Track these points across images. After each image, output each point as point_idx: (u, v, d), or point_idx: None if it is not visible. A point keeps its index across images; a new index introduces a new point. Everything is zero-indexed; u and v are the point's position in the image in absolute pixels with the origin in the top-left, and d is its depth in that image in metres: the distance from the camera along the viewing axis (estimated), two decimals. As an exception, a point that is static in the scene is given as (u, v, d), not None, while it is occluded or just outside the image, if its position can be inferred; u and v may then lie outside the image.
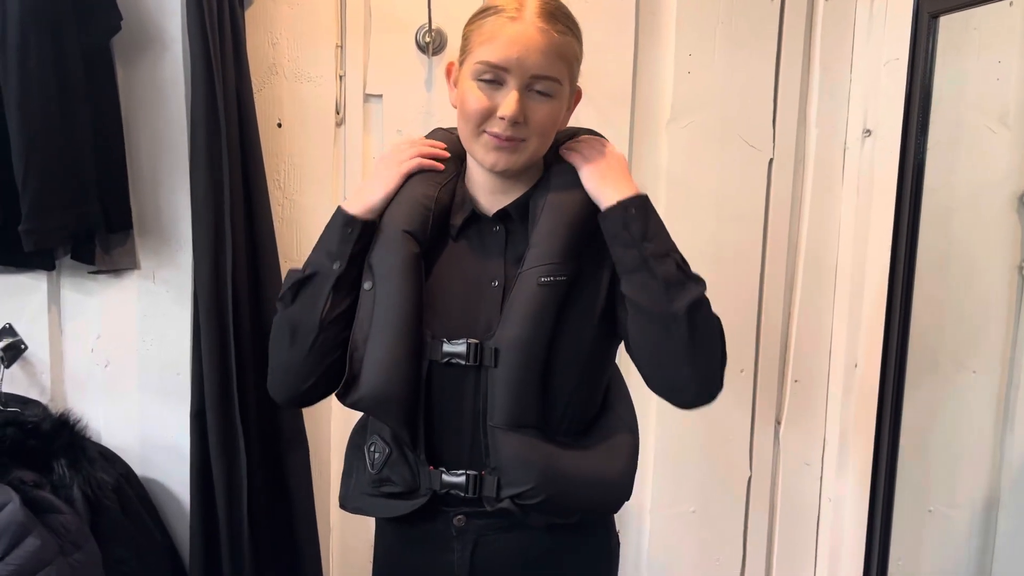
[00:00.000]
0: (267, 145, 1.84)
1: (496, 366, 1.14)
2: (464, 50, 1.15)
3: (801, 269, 2.21)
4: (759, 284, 2.19)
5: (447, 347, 1.15)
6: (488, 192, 1.20)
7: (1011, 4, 1.86)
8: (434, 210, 1.18)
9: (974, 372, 2.03)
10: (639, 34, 2.04)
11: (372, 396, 1.15)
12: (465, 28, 1.16)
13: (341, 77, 1.93)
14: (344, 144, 1.94)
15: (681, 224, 2.12)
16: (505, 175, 1.17)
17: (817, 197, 2.18)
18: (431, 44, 1.89)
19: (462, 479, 1.17)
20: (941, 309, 2.03)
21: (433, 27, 1.88)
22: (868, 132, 2.07)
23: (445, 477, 1.17)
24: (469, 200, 1.20)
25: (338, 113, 1.93)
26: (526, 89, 1.11)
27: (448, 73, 1.20)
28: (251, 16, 1.83)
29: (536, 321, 1.14)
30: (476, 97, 1.11)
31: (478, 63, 1.10)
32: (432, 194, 1.19)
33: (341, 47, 1.92)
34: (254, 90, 1.81)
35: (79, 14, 1.62)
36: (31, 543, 1.48)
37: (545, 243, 1.15)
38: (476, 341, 1.15)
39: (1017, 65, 1.93)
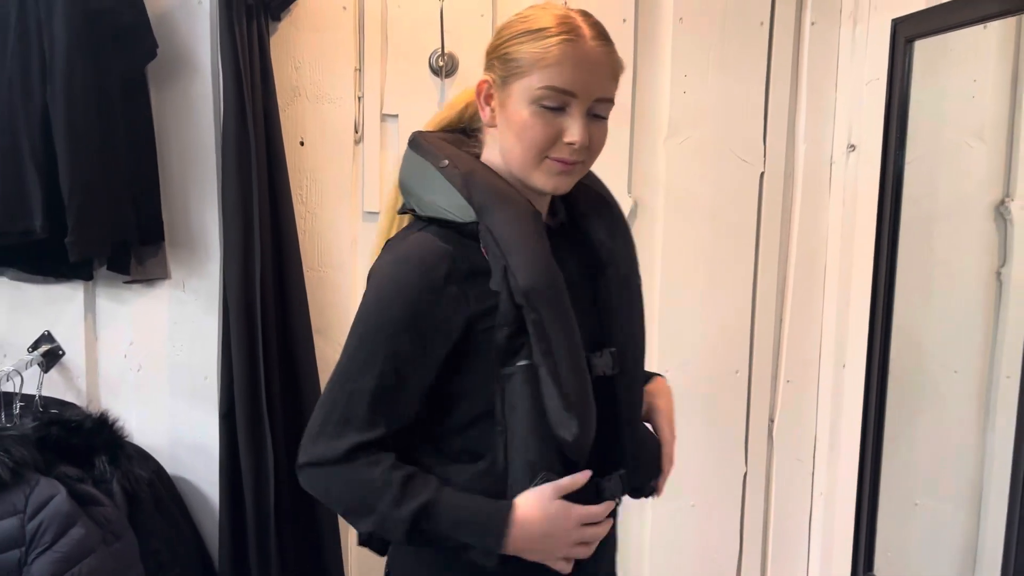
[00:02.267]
0: (290, 162, 1.92)
1: (622, 369, 1.14)
2: (510, 71, 1.06)
3: (792, 275, 2.25)
4: (752, 290, 2.23)
5: (597, 361, 1.11)
6: None
7: (985, 27, 1.88)
8: None
9: (955, 372, 2.05)
10: (638, 56, 2.10)
11: (586, 439, 1.08)
12: (503, 48, 1.08)
13: (359, 98, 2.00)
14: (362, 161, 2.01)
15: (679, 233, 2.22)
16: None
17: (806, 208, 2.23)
18: (443, 67, 1.98)
19: (615, 482, 1.14)
20: (924, 312, 2.05)
21: (445, 52, 1.97)
22: (852, 147, 2.13)
23: (603, 483, 1.12)
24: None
25: (356, 132, 2.01)
26: (588, 112, 1.05)
27: (480, 92, 1.11)
28: (276, 42, 1.92)
29: (640, 317, 1.18)
30: (541, 124, 1.04)
31: (541, 88, 1.03)
32: None
33: (359, 70, 1.99)
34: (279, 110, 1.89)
35: (119, 42, 1.73)
36: (77, 532, 1.57)
37: (614, 244, 1.17)
38: (614, 348, 1.13)
39: (991, 84, 1.96)
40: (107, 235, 1.73)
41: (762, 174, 2.21)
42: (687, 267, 2.19)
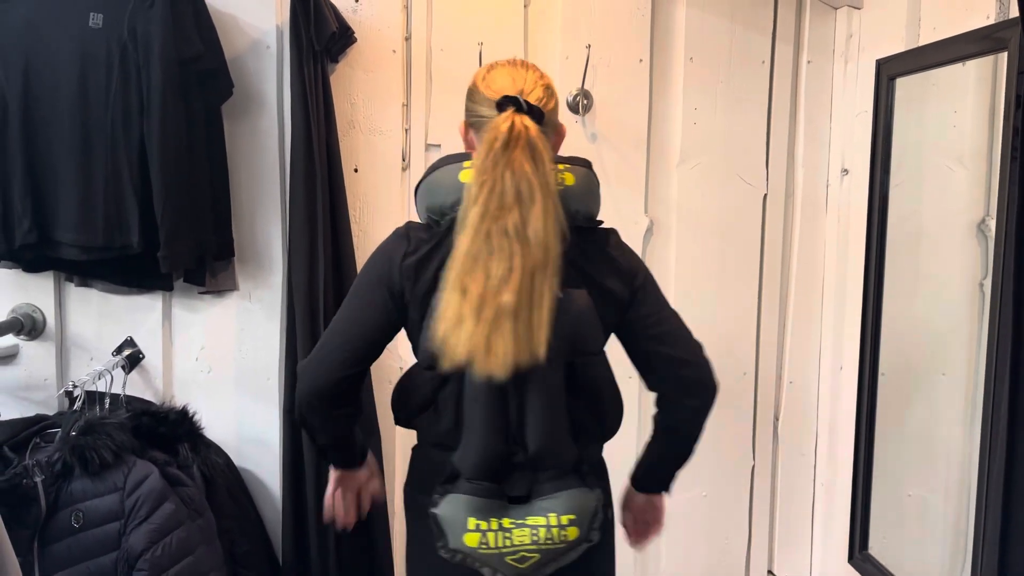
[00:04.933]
0: (346, 186, 2.08)
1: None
2: None
3: (793, 286, 2.38)
4: (757, 299, 2.37)
5: None
6: None
7: (964, 65, 2.00)
8: None
9: (943, 374, 2.13)
10: (653, 92, 2.26)
11: None
12: None
13: (407, 130, 2.17)
14: (409, 186, 2.18)
15: (690, 249, 2.39)
16: None
17: (804, 226, 2.37)
18: None
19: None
20: (915, 320, 2.15)
21: None
22: (846, 171, 2.28)
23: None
24: None
25: (404, 160, 2.18)
26: None
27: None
28: (334, 81, 2.09)
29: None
30: None
31: None
32: None
33: (406, 106, 2.17)
34: (338, 141, 2.06)
35: (202, 83, 1.93)
36: (168, 507, 1.73)
37: None
38: None
39: (970, 114, 2.06)
40: (192, 250, 1.91)
41: (765, 196, 2.35)
42: (698, 279, 2.33)
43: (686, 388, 1.38)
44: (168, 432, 1.89)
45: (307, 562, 2.06)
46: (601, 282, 1.33)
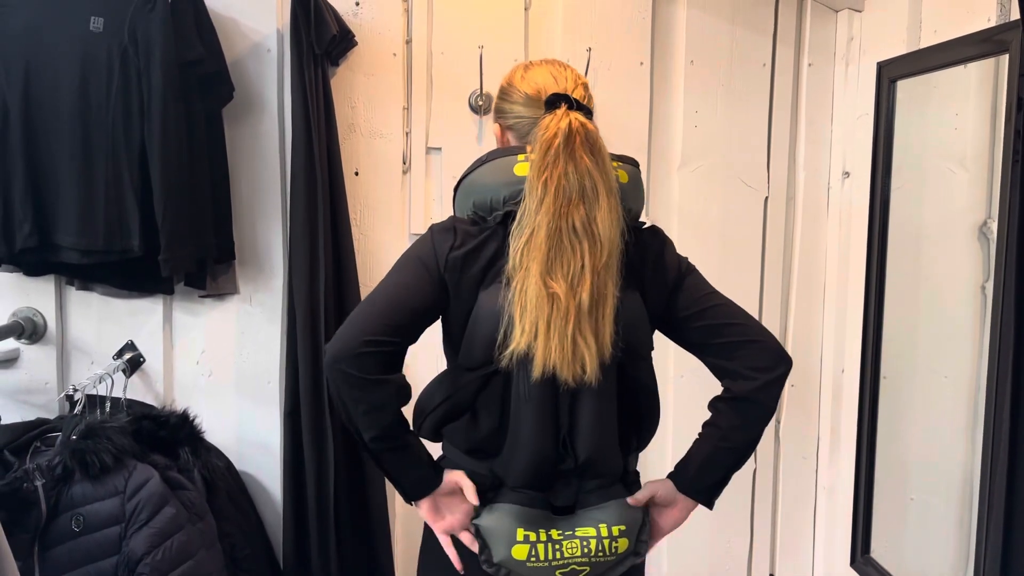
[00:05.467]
0: (347, 190, 2.08)
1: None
2: None
3: (794, 289, 2.38)
4: (759, 302, 2.37)
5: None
6: None
7: (965, 67, 2.00)
8: None
9: (946, 377, 2.11)
10: (654, 94, 2.27)
11: None
12: None
13: (407, 133, 2.18)
14: (409, 189, 2.19)
15: (691, 252, 2.31)
16: None
17: (806, 229, 2.37)
18: (482, 106, 2.17)
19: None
20: (917, 323, 2.14)
21: (483, 91, 2.16)
22: (847, 174, 2.29)
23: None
24: None
25: (404, 163, 2.19)
26: None
27: None
28: (335, 84, 2.10)
29: None
30: None
31: None
32: None
33: (407, 109, 2.18)
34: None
35: (203, 87, 1.93)
36: (168, 511, 1.74)
37: None
38: None
39: (972, 117, 2.05)
40: (193, 254, 1.92)
41: (766, 198, 2.36)
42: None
43: (753, 359, 1.28)
44: (169, 436, 1.90)
45: (308, 566, 2.06)
46: (650, 281, 1.31)
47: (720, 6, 2.29)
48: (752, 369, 1.27)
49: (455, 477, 1.31)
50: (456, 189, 1.34)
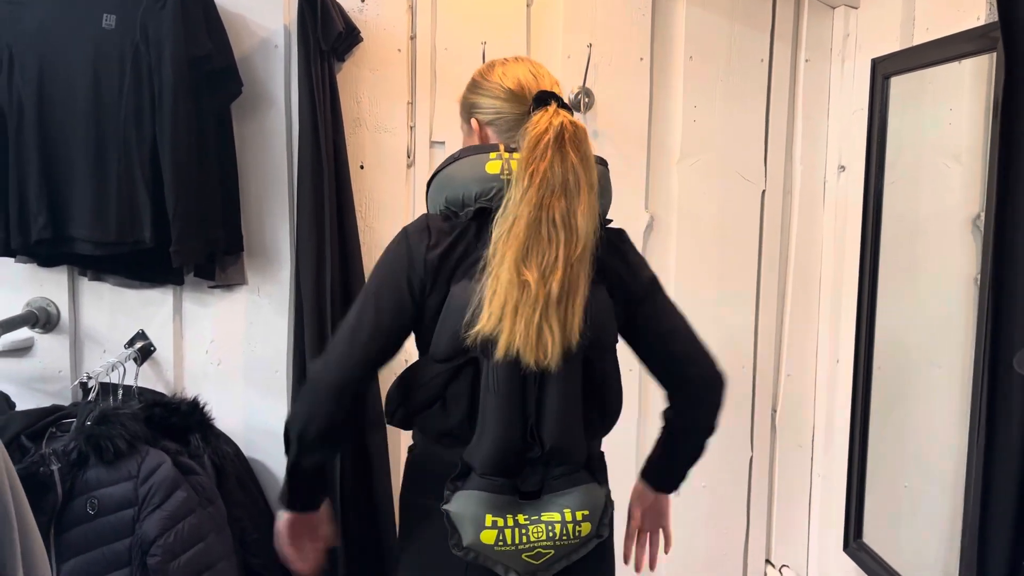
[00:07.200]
0: (352, 183, 2.11)
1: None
2: None
3: (791, 281, 2.41)
4: (756, 294, 2.39)
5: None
6: None
7: (960, 63, 2.00)
8: None
9: (938, 367, 2.11)
10: (653, 90, 2.29)
11: None
12: None
13: (411, 128, 2.21)
14: (413, 182, 2.22)
15: (690, 244, 2.42)
16: None
17: (802, 221, 2.40)
18: None
19: None
20: (910, 314, 2.15)
21: None
22: (842, 168, 2.31)
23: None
24: None
25: (409, 157, 2.22)
26: None
27: None
28: (340, 79, 2.13)
29: None
30: None
31: None
32: None
33: (411, 103, 2.21)
34: (344, 139, 2.09)
35: (212, 82, 1.97)
36: (180, 495, 1.79)
37: None
38: None
39: (966, 112, 2.05)
40: (203, 245, 1.96)
41: (763, 192, 2.39)
42: (698, 274, 2.38)
43: (695, 386, 1.40)
44: (180, 422, 1.94)
45: (315, 549, 2.09)
46: (617, 278, 1.35)
47: (719, 3, 2.31)
48: (691, 393, 1.42)
49: (325, 516, 1.48)
50: (429, 184, 1.38)
